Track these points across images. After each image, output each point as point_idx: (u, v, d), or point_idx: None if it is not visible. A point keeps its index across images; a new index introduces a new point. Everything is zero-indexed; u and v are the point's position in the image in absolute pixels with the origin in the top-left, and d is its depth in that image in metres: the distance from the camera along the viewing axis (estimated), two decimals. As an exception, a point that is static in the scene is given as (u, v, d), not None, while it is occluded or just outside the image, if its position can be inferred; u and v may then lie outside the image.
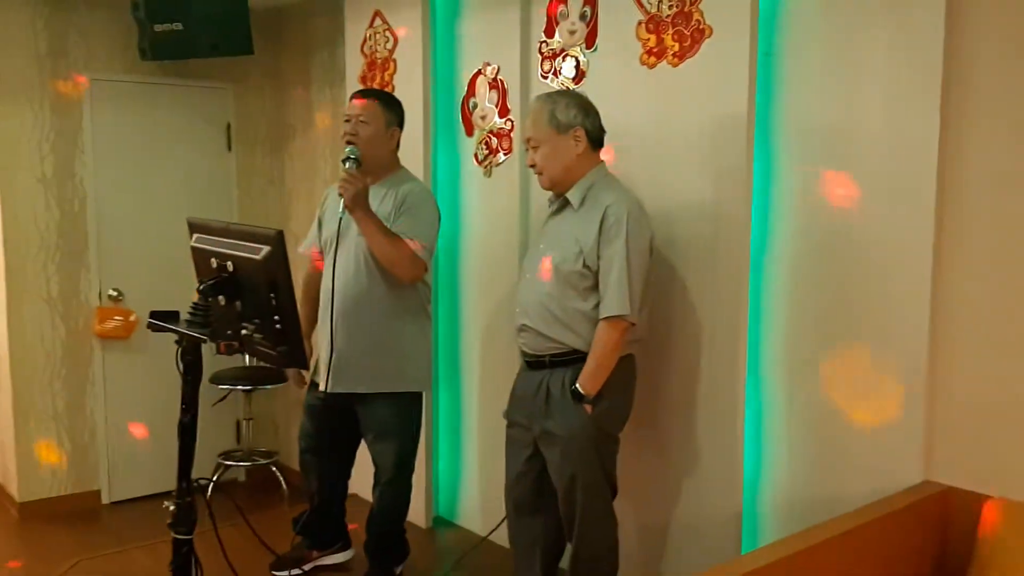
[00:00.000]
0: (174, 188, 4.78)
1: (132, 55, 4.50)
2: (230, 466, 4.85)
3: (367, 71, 4.08)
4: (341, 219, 3.15)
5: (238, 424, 4.98)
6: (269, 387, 4.81)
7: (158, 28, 4.17)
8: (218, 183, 4.96)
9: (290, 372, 3.49)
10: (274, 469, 4.85)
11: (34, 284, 4.45)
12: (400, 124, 3.29)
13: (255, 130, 5.05)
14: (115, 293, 4.63)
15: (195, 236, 2.64)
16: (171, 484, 4.76)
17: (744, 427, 2.75)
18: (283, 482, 4.76)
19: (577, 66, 3.27)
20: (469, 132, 3.71)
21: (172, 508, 2.45)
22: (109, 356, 4.66)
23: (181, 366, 2.43)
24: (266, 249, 2.29)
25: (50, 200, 4.47)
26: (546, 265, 2.65)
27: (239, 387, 4.64)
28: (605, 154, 2.82)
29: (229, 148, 4.97)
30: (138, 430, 4.76)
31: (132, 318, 4.63)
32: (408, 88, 3.82)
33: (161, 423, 4.73)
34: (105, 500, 4.69)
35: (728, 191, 2.72)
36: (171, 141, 4.77)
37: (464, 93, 3.71)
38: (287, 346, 2.33)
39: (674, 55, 2.85)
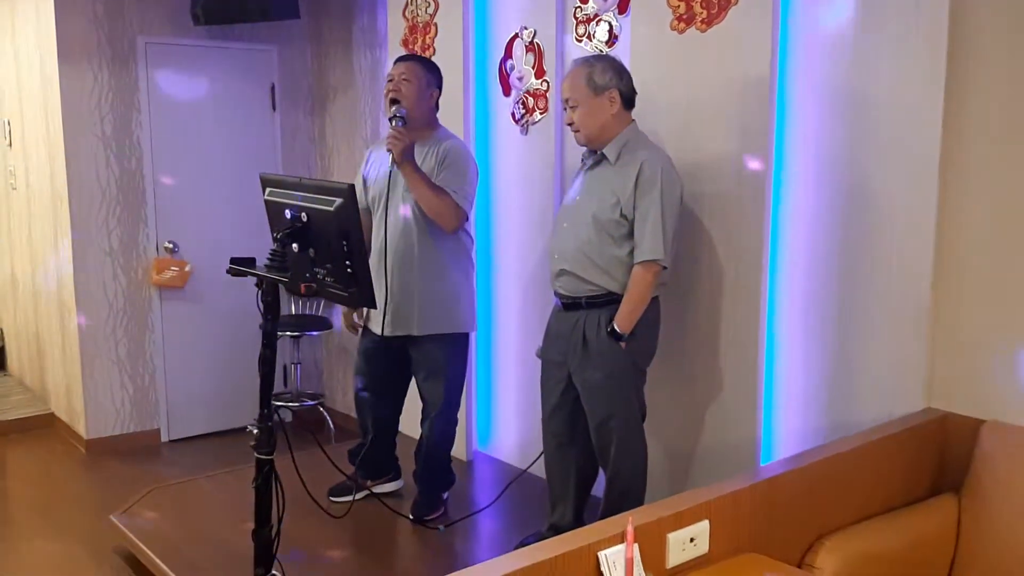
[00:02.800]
0: (223, 145, 5.06)
1: (184, 19, 4.75)
2: (279, 407, 5.17)
3: (408, 34, 4.32)
4: (391, 174, 3.42)
5: (285, 368, 5.31)
6: (315, 334, 5.14)
7: (211, -6, 4.42)
8: (263, 141, 5.23)
9: (344, 319, 3.77)
10: (321, 410, 5.19)
11: (97, 237, 4.76)
12: (439, 86, 3.54)
13: (298, 91, 5.31)
14: (170, 245, 4.94)
15: (268, 190, 2.89)
16: (225, 423, 5.17)
17: (764, 361, 3.04)
18: (329, 422, 5.10)
19: (610, 30, 3.50)
20: (507, 92, 3.96)
21: (255, 431, 2.73)
22: (166, 304, 4.98)
23: (262, 306, 2.70)
24: (339, 201, 2.56)
25: (110, 157, 4.76)
26: (585, 215, 2.90)
27: (287, 333, 4.96)
28: (637, 114, 3.06)
29: (274, 108, 5.24)
30: (194, 373, 5.09)
31: (187, 268, 4.94)
32: (448, 51, 4.07)
33: (215, 367, 5.07)
34: (164, 438, 5.04)
35: (751, 150, 2.97)
36: (220, 101, 5.05)
37: (502, 55, 3.95)
38: (357, 288, 2.61)
39: (702, 21, 3.08)
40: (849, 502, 2.41)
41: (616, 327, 2.81)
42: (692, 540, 2.00)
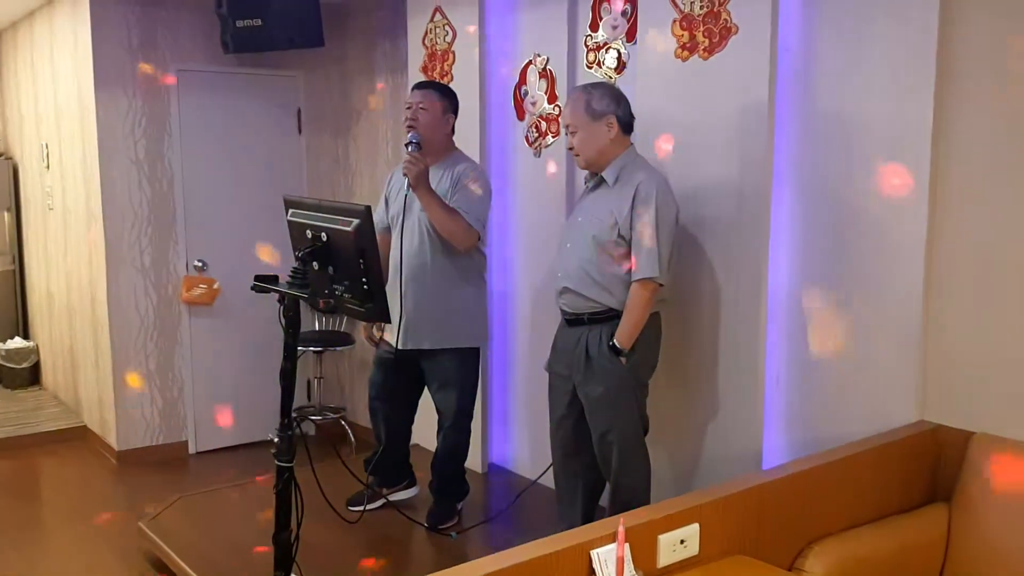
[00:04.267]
0: (250, 168, 5.26)
1: (214, 48, 4.95)
2: (302, 420, 5.34)
3: (428, 61, 4.50)
4: (406, 196, 3.59)
5: (309, 383, 5.48)
6: (338, 349, 5.30)
7: (239, 24, 4.62)
8: (290, 163, 5.43)
9: (363, 331, 3.92)
10: (342, 423, 5.34)
11: (129, 255, 4.96)
12: (455, 111, 3.71)
13: (323, 115, 5.50)
14: (200, 263, 5.13)
15: (290, 211, 3.06)
16: (251, 436, 5.31)
17: (764, 376, 3.15)
18: (351, 434, 5.25)
19: (619, 58, 3.65)
20: (520, 117, 4.12)
21: (276, 440, 2.88)
22: (195, 320, 5.17)
23: (283, 321, 2.85)
24: (356, 222, 2.72)
25: (142, 179, 4.97)
26: (586, 235, 3.04)
27: (311, 348, 5.12)
28: (643, 137, 3.20)
29: (299, 131, 5.44)
30: (221, 387, 5.26)
31: (215, 286, 5.13)
32: (465, 77, 4.24)
33: (241, 381, 5.24)
34: (191, 450, 5.22)
35: (751, 174, 3.10)
36: (248, 125, 5.25)
37: (516, 81, 4.11)
38: (373, 303, 2.76)
39: (704, 50, 3.22)
40: (840, 510, 2.51)
41: (616, 343, 2.94)
42: (682, 542, 2.12)
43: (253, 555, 3.41)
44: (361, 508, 3.73)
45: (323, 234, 2.84)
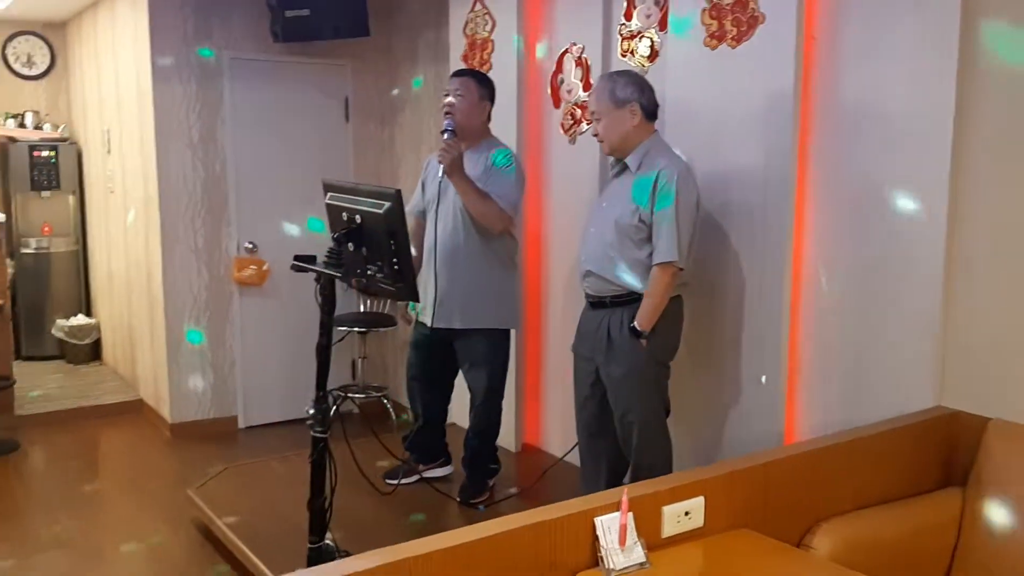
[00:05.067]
0: (299, 154, 5.43)
1: (265, 37, 5.13)
2: (347, 398, 5.51)
3: (468, 50, 4.61)
4: (441, 182, 3.72)
5: (353, 362, 5.65)
6: (381, 330, 5.45)
7: (289, 14, 4.78)
8: (337, 150, 5.58)
9: (400, 310, 4.07)
10: (384, 401, 5.51)
11: (184, 236, 5.17)
12: (491, 98, 3.81)
13: (369, 103, 5.65)
14: (250, 245, 5.32)
15: (329, 194, 3.20)
16: (298, 412, 5.50)
17: (786, 360, 3.20)
18: (392, 412, 5.41)
19: (651, 46, 3.71)
20: (556, 104, 4.21)
21: (311, 411, 3.03)
22: (245, 300, 5.37)
23: (319, 299, 3.00)
24: (387, 204, 2.84)
25: (196, 163, 5.17)
26: (608, 220, 3.12)
27: (355, 329, 5.29)
28: (673, 125, 3.27)
29: (347, 119, 5.59)
30: (269, 364, 5.46)
31: (265, 267, 5.32)
32: (504, 65, 4.34)
33: (288, 359, 5.43)
34: (241, 425, 5.43)
35: (776, 161, 3.15)
36: (297, 113, 5.42)
37: (553, 70, 4.20)
38: (403, 283, 2.89)
39: (732, 38, 3.27)
40: (851, 490, 2.56)
41: (637, 325, 3.02)
42: (687, 514, 2.20)
43: (292, 522, 3.57)
44: (396, 481, 3.88)
45: (357, 216, 2.97)
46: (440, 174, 3.68)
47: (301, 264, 3.06)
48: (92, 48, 6.43)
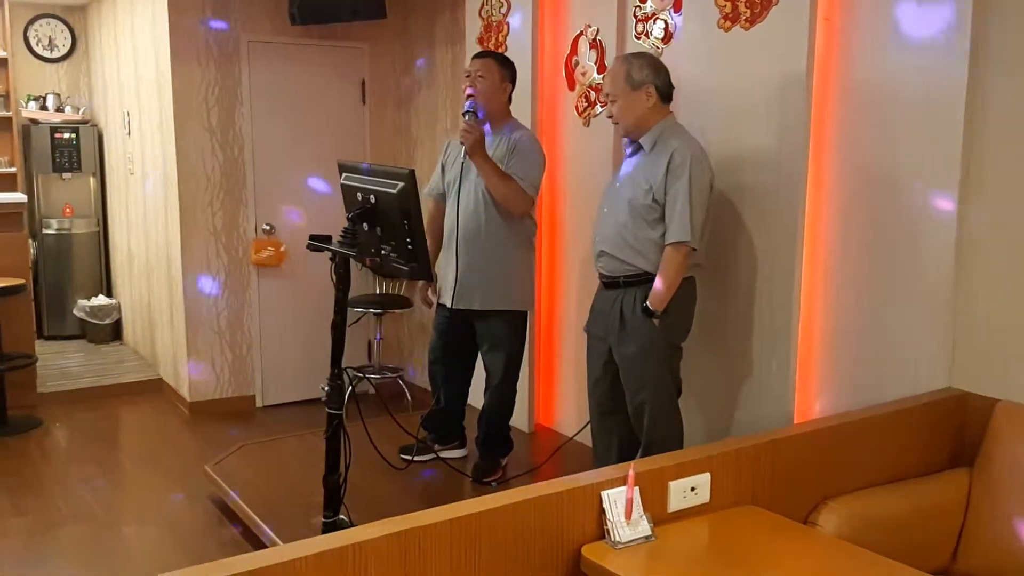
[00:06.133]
0: (316, 136, 5.47)
1: (282, 19, 5.16)
2: (363, 378, 5.56)
3: (484, 32, 4.62)
4: (463, 163, 3.74)
5: (369, 343, 5.70)
6: (397, 311, 5.50)
7: (306, -4, 4.81)
8: (354, 132, 5.62)
9: (419, 293, 4.11)
10: (400, 382, 5.56)
11: (202, 218, 5.23)
12: (512, 80, 3.83)
13: (385, 85, 5.67)
14: (268, 227, 5.37)
15: (344, 175, 3.24)
16: (315, 392, 5.54)
17: (798, 341, 3.22)
18: (407, 393, 5.46)
19: (666, 28, 3.72)
20: (571, 87, 4.22)
21: (326, 389, 3.07)
22: (263, 281, 5.42)
23: (334, 277, 3.04)
24: (401, 185, 2.87)
25: (215, 146, 5.22)
26: (622, 200, 3.14)
27: (372, 311, 5.34)
28: (688, 106, 3.27)
29: (364, 101, 5.62)
30: (287, 344, 5.52)
31: (282, 248, 5.37)
32: (519, 48, 4.35)
33: (306, 339, 5.49)
34: (259, 404, 5.50)
35: (788, 142, 3.16)
36: (314, 95, 5.45)
37: (568, 52, 4.21)
38: (416, 262, 2.93)
39: (746, 20, 3.27)
40: (858, 469, 2.58)
41: (649, 305, 3.04)
42: (693, 489, 2.23)
43: (308, 498, 3.63)
44: (410, 457, 3.93)
45: (371, 196, 3.00)
46: (462, 155, 3.71)
47: (317, 244, 3.09)
48: (112, 31, 6.49)
